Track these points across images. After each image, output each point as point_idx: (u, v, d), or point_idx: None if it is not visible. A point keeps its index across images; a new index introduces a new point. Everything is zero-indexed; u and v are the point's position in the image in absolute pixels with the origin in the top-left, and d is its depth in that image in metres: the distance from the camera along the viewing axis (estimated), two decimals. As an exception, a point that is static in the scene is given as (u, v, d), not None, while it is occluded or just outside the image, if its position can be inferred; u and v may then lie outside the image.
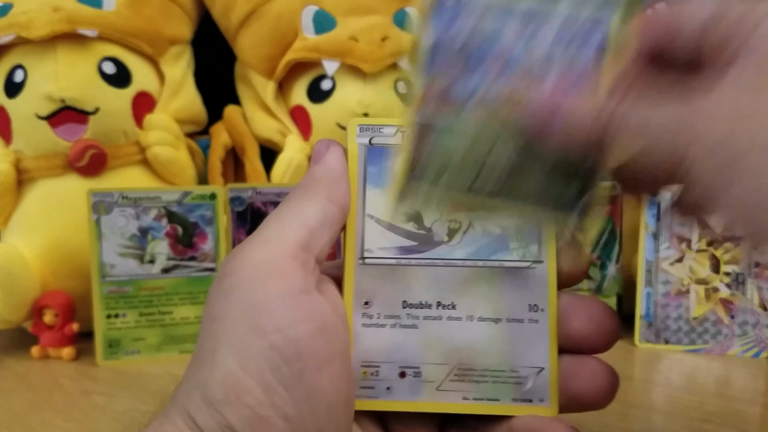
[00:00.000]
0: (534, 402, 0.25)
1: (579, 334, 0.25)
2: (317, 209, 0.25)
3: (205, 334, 0.23)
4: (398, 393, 0.25)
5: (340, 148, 0.26)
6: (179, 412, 0.22)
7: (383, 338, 0.25)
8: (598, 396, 0.24)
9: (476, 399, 0.25)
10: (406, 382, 0.25)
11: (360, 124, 0.26)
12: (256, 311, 0.22)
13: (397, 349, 0.25)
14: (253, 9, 0.67)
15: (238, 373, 0.22)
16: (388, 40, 0.65)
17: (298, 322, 0.22)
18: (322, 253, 0.25)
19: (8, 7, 0.58)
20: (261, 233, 0.24)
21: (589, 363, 0.25)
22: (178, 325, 0.56)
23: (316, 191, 0.25)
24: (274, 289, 0.23)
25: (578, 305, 0.25)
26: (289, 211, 0.25)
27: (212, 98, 0.70)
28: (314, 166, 0.26)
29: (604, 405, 0.25)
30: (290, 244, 0.24)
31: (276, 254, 0.23)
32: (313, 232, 0.24)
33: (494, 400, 0.25)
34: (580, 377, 0.25)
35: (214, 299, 0.23)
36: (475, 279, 0.26)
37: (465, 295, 0.26)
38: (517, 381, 0.25)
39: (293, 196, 0.25)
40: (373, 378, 0.25)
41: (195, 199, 0.55)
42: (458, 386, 0.25)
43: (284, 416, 0.22)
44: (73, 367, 0.54)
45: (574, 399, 0.25)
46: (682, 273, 0.56)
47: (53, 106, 0.56)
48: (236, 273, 0.23)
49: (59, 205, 0.58)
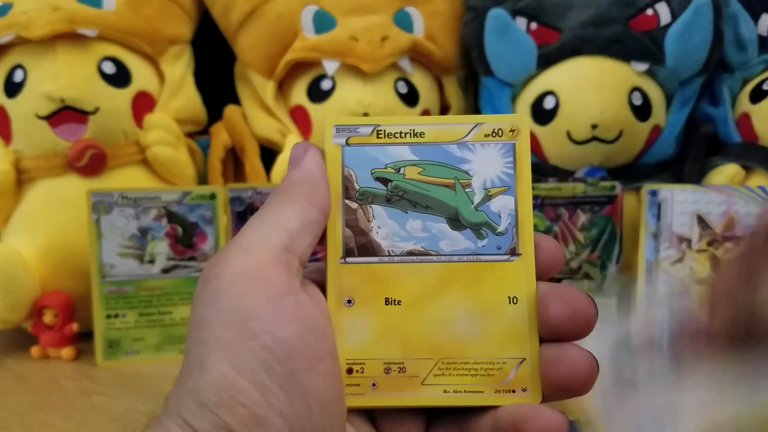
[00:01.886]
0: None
1: (556, 321, 0.25)
2: (298, 213, 0.25)
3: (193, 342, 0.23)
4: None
5: (317, 151, 0.27)
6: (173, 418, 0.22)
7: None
8: (579, 382, 0.25)
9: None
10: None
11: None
12: (243, 315, 0.22)
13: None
14: (253, 9, 0.67)
15: (232, 375, 0.22)
16: (388, 40, 0.65)
17: (286, 322, 0.22)
18: (304, 255, 0.25)
19: (8, 7, 0.58)
20: (242, 238, 0.24)
21: (568, 350, 0.25)
22: (178, 325, 0.56)
23: (296, 195, 0.25)
24: (260, 293, 0.23)
25: (554, 293, 0.26)
26: (269, 216, 0.25)
27: (212, 98, 0.70)
28: (293, 169, 0.26)
29: (585, 391, 0.25)
30: (272, 247, 0.24)
31: (259, 258, 0.23)
32: (294, 235, 0.24)
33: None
34: (560, 365, 0.25)
35: (200, 306, 0.23)
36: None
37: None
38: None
39: (273, 201, 0.26)
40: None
41: (195, 199, 0.55)
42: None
43: (281, 414, 0.22)
44: (72, 367, 0.54)
45: (556, 387, 0.25)
46: (682, 273, 0.56)
47: (53, 106, 0.56)
48: (220, 278, 0.23)
49: (59, 205, 0.58)
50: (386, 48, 0.65)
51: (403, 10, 0.69)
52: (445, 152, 0.26)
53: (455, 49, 0.71)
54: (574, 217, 0.59)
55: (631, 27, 0.63)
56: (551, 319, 0.25)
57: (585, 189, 0.59)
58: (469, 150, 0.26)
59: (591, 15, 0.63)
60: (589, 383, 0.25)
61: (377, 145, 0.27)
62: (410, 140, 0.27)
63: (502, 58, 0.66)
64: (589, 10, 0.64)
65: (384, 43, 0.65)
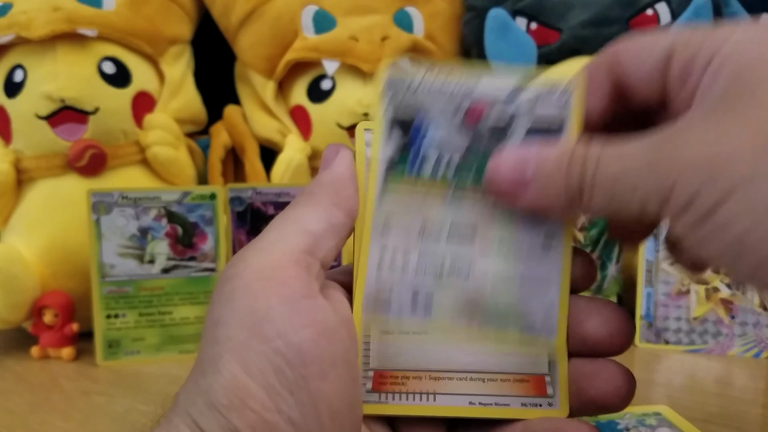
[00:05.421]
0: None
1: (593, 337, 0.25)
2: (321, 215, 0.24)
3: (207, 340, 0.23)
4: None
5: (349, 153, 0.26)
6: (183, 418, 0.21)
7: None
8: (618, 399, 0.24)
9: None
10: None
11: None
12: (257, 316, 0.22)
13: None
14: (253, 9, 0.67)
15: (243, 378, 0.21)
16: (388, 40, 0.65)
17: (300, 327, 0.22)
18: (327, 258, 0.24)
19: (8, 7, 0.58)
20: (263, 239, 0.24)
21: (606, 366, 0.25)
22: (178, 325, 0.56)
23: (319, 197, 0.25)
24: (276, 294, 0.22)
25: (592, 308, 0.25)
26: (291, 217, 0.25)
27: (212, 98, 0.70)
28: (322, 172, 0.26)
29: (621, 408, 0.24)
30: (293, 248, 0.23)
31: (278, 259, 0.23)
32: (316, 237, 0.24)
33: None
34: (597, 380, 0.24)
35: (216, 304, 0.23)
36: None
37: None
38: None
39: (297, 203, 0.25)
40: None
41: (195, 199, 0.55)
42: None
43: (290, 421, 0.21)
44: (72, 367, 0.54)
45: (592, 402, 0.25)
46: (682, 273, 0.55)
47: (53, 106, 0.56)
48: (238, 278, 0.23)
49: (59, 205, 0.58)
50: (386, 48, 0.65)
51: (403, 10, 0.69)
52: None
53: (455, 49, 0.71)
54: (574, 217, 0.59)
55: (631, 27, 0.63)
56: (588, 336, 0.25)
57: (585, 189, 0.59)
58: None
59: (591, 15, 0.63)
60: (627, 400, 0.24)
61: None
62: None
63: (502, 58, 0.66)
64: (589, 10, 0.64)
65: (384, 43, 0.65)
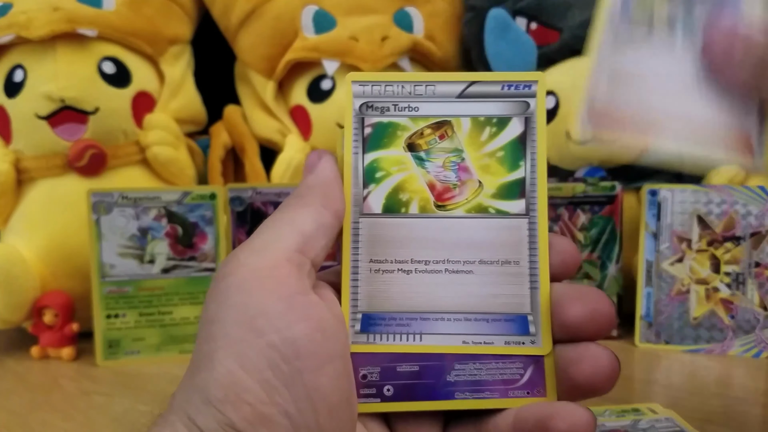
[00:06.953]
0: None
1: (575, 322, 0.25)
2: (312, 216, 0.25)
3: (202, 338, 0.23)
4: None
5: (332, 158, 0.27)
6: (179, 416, 0.22)
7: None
8: (603, 381, 0.24)
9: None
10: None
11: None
12: (253, 313, 0.23)
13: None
14: (253, 9, 0.67)
15: (238, 372, 0.22)
16: (388, 39, 0.65)
17: (295, 322, 0.23)
18: (318, 257, 0.25)
19: (8, 7, 0.58)
20: (256, 239, 0.25)
21: (590, 349, 0.25)
22: (178, 325, 0.56)
23: (309, 199, 0.26)
24: (271, 291, 0.23)
25: (573, 293, 0.26)
26: (283, 218, 0.25)
27: (212, 98, 0.70)
28: (307, 175, 0.27)
29: (607, 390, 0.25)
30: (285, 248, 0.24)
31: (271, 258, 0.24)
32: (307, 237, 0.25)
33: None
34: (582, 364, 0.25)
35: (211, 303, 0.24)
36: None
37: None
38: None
39: (287, 205, 0.26)
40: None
41: (195, 199, 0.55)
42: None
43: (286, 414, 0.22)
44: (72, 367, 0.54)
45: (578, 387, 0.25)
46: (682, 273, 0.56)
47: (53, 106, 0.56)
48: (232, 276, 0.24)
49: (59, 205, 0.58)
50: (386, 48, 0.65)
51: (403, 10, 0.69)
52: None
53: (455, 49, 0.71)
54: (573, 217, 0.59)
55: (631, 27, 0.63)
56: (570, 320, 0.25)
57: (585, 189, 0.59)
58: None
59: (591, 15, 0.63)
60: (612, 381, 0.25)
61: None
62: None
63: (502, 58, 0.66)
64: (589, 10, 0.63)
65: (384, 43, 0.65)
